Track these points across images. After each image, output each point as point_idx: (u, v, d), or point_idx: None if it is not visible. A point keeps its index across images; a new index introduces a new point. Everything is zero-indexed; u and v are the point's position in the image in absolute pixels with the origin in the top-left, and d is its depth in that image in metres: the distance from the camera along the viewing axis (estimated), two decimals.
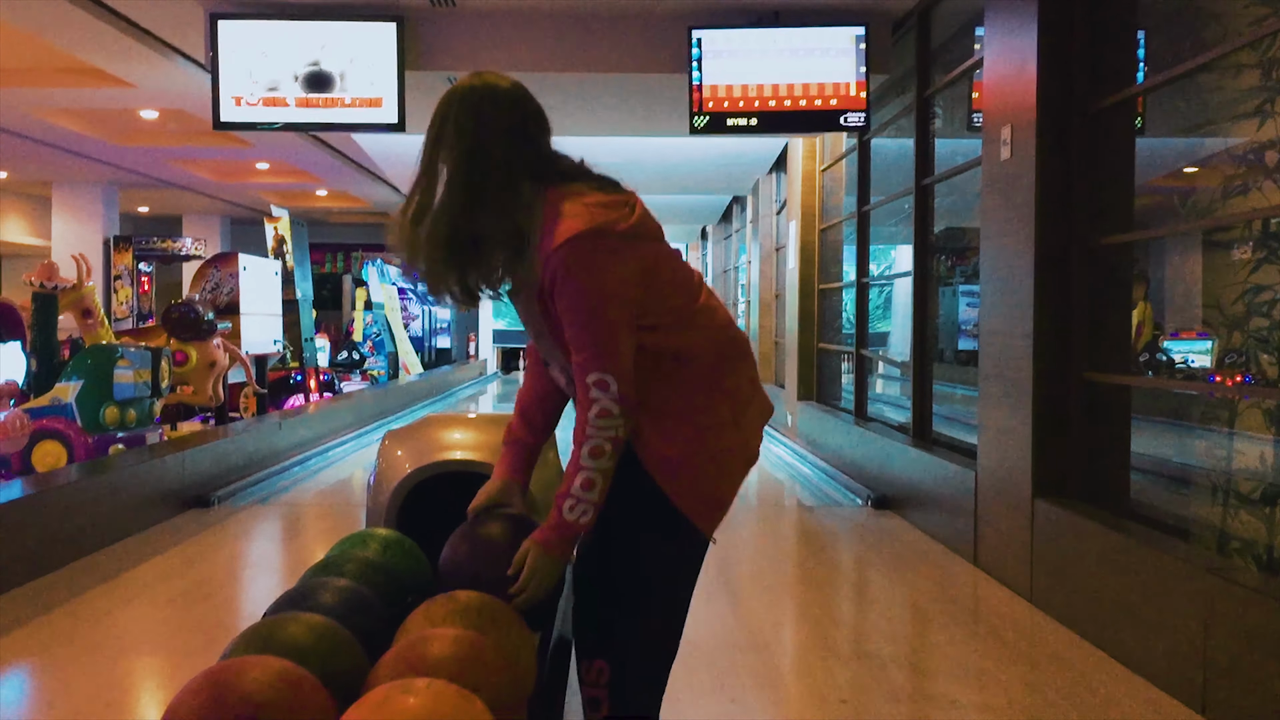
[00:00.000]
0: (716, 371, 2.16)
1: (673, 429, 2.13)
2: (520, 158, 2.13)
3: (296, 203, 18.99)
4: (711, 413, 2.14)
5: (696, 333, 2.16)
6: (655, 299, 2.10)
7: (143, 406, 8.52)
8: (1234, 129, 4.38)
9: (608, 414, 2.04)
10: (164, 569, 5.23)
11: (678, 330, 2.14)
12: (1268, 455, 4.02)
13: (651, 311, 2.09)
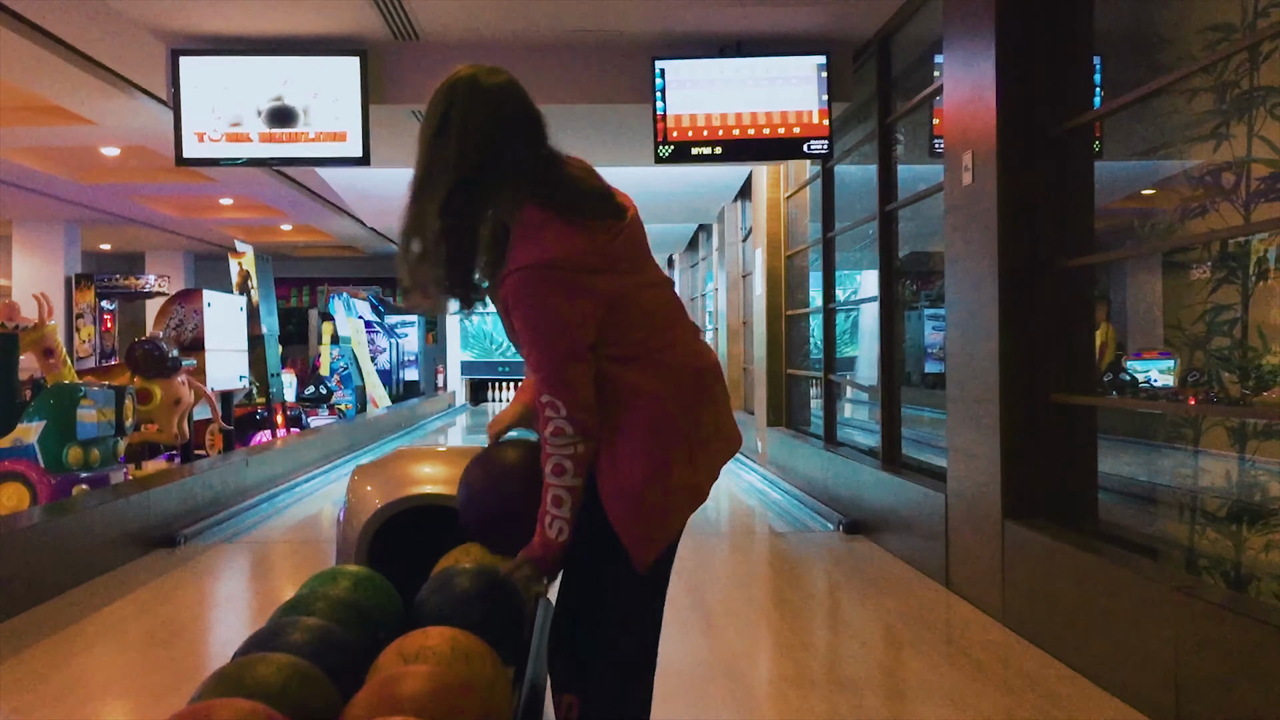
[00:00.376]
0: (672, 409, 2.14)
1: (624, 462, 2.13)
2: (516, 156, 2.13)
3: (261, 238, 18.90)
4: (662, 449, 2.13)
5: (654, 370, 2.14)
6: (615, 330, 2.10)
7: (106, 446, 8.42)
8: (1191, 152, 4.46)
9: (560, 433, 2.07)
10: (130, 610, 5.15)
11: (634, 365, 2.13)
12: (1232, 473, 4.06)
13: (610, 341, 2.10)
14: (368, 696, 1.79)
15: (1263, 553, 3.70)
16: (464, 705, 1.78)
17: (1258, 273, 3.93)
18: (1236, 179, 3.83)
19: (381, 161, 8.92)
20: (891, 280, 7.01)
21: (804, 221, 10.01)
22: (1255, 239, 3.95)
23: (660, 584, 2.22)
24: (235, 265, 14.39)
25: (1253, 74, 3.68)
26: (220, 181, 13.58)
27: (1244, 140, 3.77)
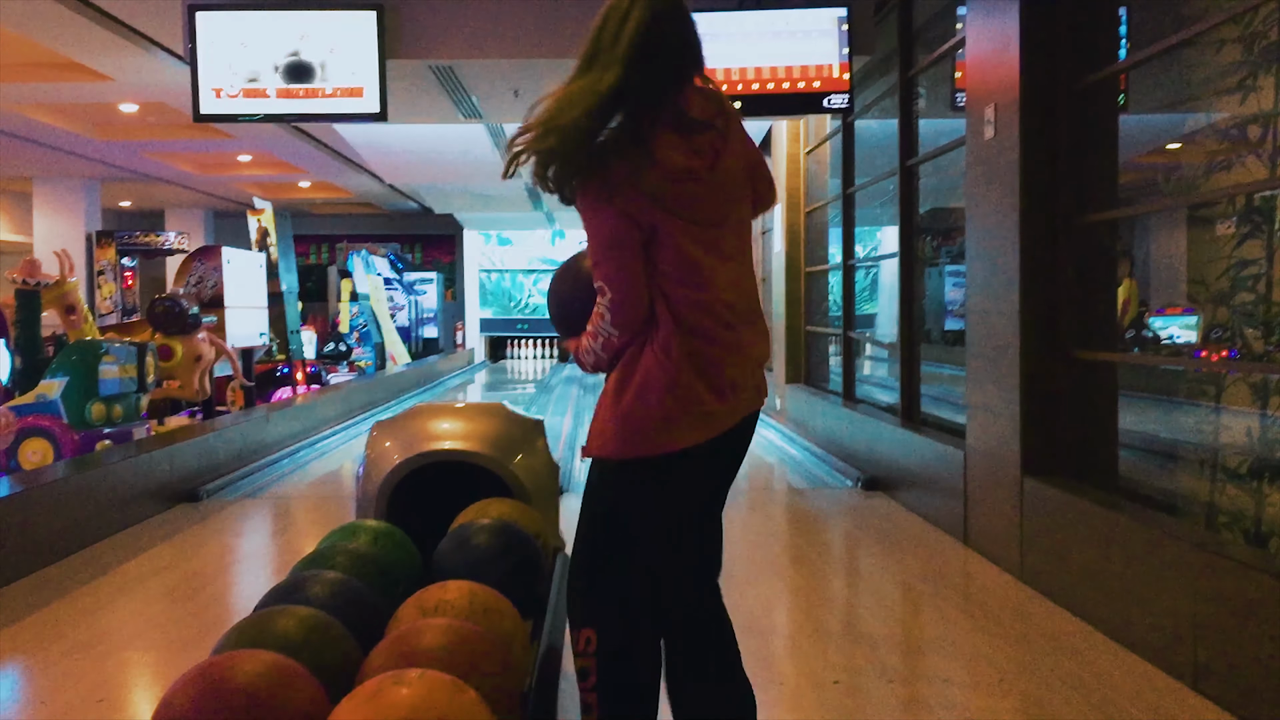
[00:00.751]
0: (668, 350, 2.14)
1: (617, 379, 2.18)
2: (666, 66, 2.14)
3: (280, 194, 18.91)
4: (665, 372, 2.14)
5: (662, 303, 2.15)
6: (651, 252, 2.13)
7: (129, 402, 8.49)
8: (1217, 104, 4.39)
9: (600, 318, 2.14)
10: (154, 564, 5.21)
11: (653, 291, 2.15)
12: (1254, 429, 4.04)
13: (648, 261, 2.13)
14: (387, 649, 1.81)
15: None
16: (482, 658, 1.80)
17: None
18: (1263, 132, 3.77)
19: (399, 117, 8.89)
20: (912, 236, 6.96)
21: (824, 177, 9.94)
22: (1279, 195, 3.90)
23: (665, 523, 2.22)
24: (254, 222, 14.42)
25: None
26: (238, 138, 13.57)
27: (1271, 93, 3.71)
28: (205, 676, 1.58)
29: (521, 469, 3.07)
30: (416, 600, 2.08)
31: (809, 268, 10.19)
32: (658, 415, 2.11)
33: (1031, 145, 4.62)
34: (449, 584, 2.09)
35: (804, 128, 10.23)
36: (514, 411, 3.34)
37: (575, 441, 9.62)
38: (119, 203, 20.31)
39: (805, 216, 10.22)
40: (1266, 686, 2.95)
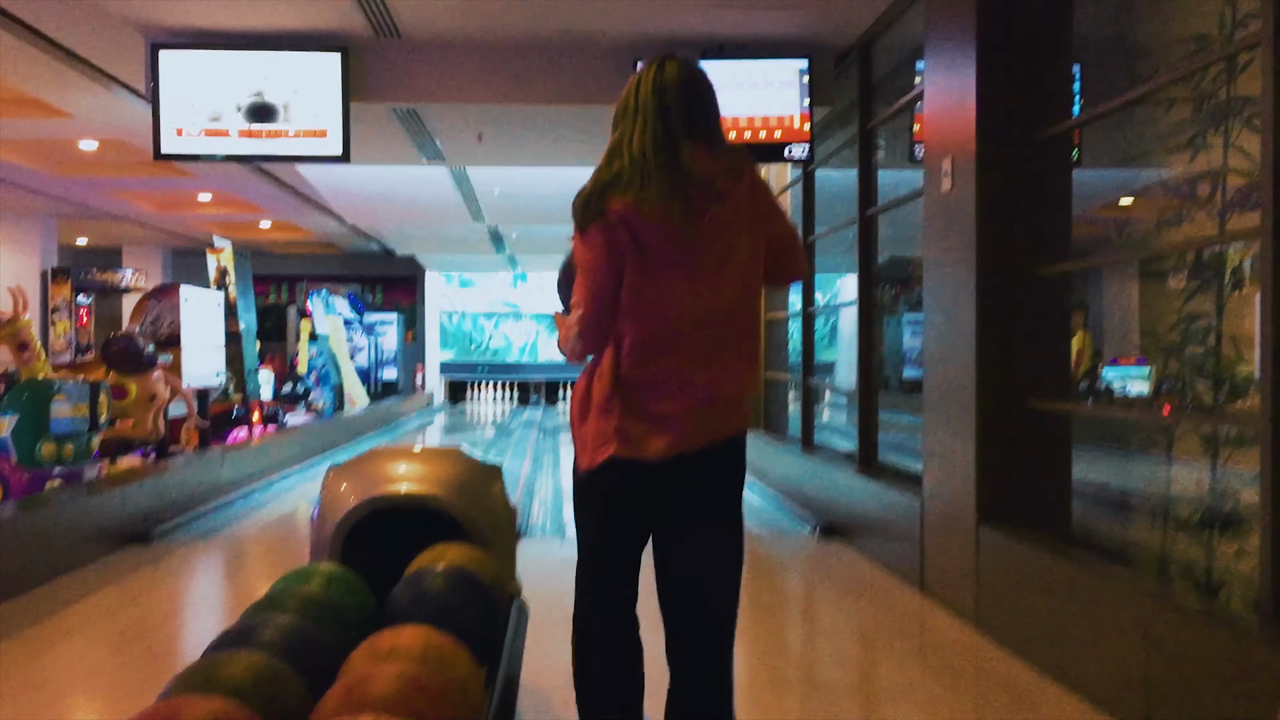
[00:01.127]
0: (627, 370, 2.37)
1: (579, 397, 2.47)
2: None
3: (240, 233, 18.79)
4: (601, 393, 2.39)
5: (617, 333, 2.37)
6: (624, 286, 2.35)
7: (80, 441, 8.35)
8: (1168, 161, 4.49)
9: (572, 327, 2.41)
10: (102, 607, 5.11)
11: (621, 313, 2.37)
12: (1204, 480, 4.09)
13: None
14: (338, 695, 1.78)
15: (1234, 560, 3.73)
16: (435, 704, 1.78)
17: (1233, 282, 3.96)
18: (1213, 189, 3.86)
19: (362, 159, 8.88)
20: (871, 285, 7.03)
21: None
22: (1231, 249, 3.98)
23: (594, 514, 2.51)
24: (213, 261, 14.30)
25: (1230, 85, 3.71)
26: (199, 177, 13.49)
27: (1220, 151, 3.80)
28: None
29: (478, 513, 3.05)
30: (369, 645, 2.05)
31: (769, 314, 10.25)
32: (593, 431, 2.39)
33: (987, 197, 4.70)
34: (403, 629, 2.07)
35: (765, 176, 10.32)
36: (471, 456, 3.32)
37: (534, 486, 9.57)
38: (76, 240, 20.10)
39: None
40: None
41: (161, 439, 10.70)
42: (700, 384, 2.36)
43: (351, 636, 2.33)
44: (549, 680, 3.93)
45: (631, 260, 2.31)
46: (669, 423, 2.35)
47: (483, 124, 8.16)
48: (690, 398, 2.36)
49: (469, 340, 25.92)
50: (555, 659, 4.22)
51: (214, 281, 14.20)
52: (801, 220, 8.62)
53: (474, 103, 7.36)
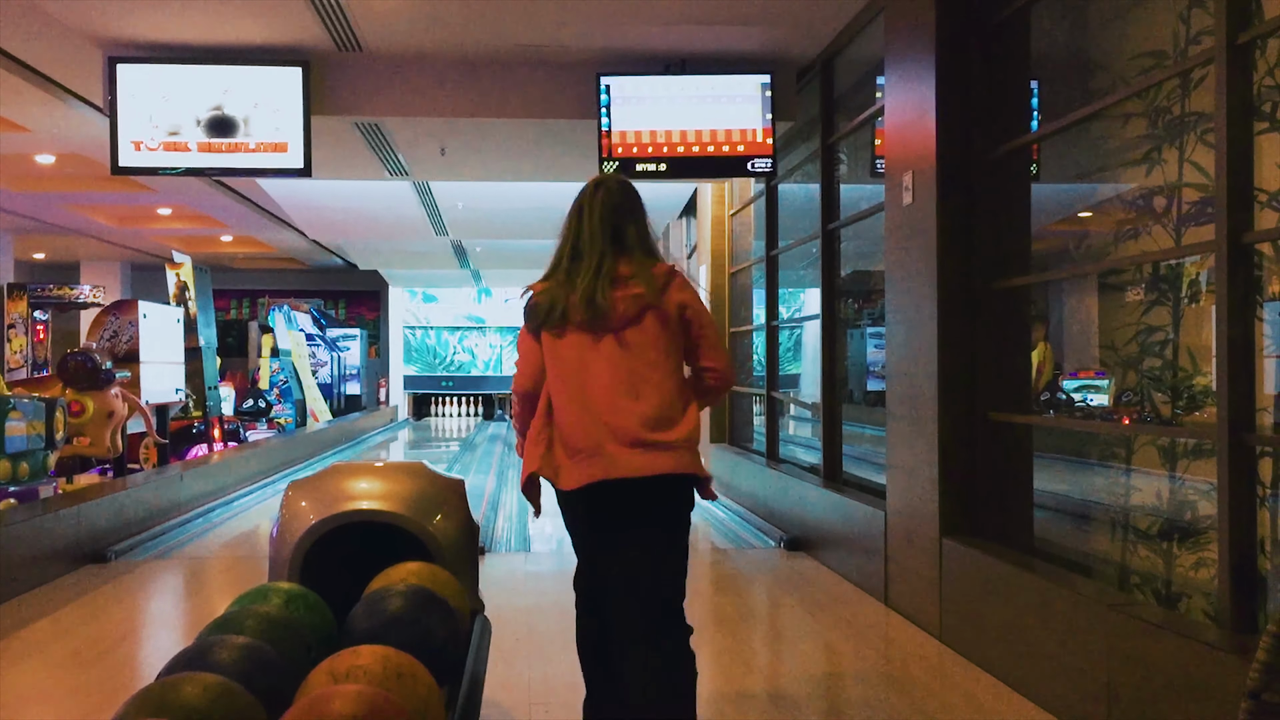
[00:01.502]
0: (543, 418, 2.98)
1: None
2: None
3: (200, 248, 18.63)
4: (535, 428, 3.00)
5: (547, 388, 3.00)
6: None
7: (36, 459, 8.22)
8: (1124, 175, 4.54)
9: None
10: (58, 627, 5.03)
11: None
12: (1163, 491, 4.13)
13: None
14: (296, 716, 1.76)
15: (1193, 570, 3.76)
16: None
17: (1189, 295, 4.01)
18: (1168, 203, 3.90)
19: (324, 173, 8.83)
20: (834, 298, 7.06)
21: (748, 239, 10.06)
22: (1187, 262, 4.03)
23: (575, 527, 3.04)
24: (173, 276, 14.16)
25: (1184, 100, 3.76)
26: (159, 191, 13.36)
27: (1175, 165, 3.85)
28: None
29: (440, 529, 3.02)
30: (328, 665, 2.02)
31: (733, 328, 10.28)
32: (550, 462, 2.91)
33: (948, 211, 4.73)
34: (362, 649, 2.04)
35: (729, 191, 10.37)
36: (433, 471, 3.30)
37: (498, 501, 9.53)
38: (33, 255, 19.84)
39: (730, 278, 10.33)
40: None
41: (119, 456, 10.56)
42: (607, 420, 2.86)
43: (311, 657, 2.30)
44: (512, 697, 3.91)
45: (545, 338, 2.96)
46: (590, 456, 2.85)
47: (446, 138, 8.13)
48: (601, 433, 2.85)
49: (433, 355, 25.81)
50: (519, 675, 4.20)
51: (173, 297, 14.05)
52: (766, 234, 8.65)
53: (437, 117, 7.34)
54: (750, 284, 10.03)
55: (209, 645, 2.09)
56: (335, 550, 3.08)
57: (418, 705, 1.95)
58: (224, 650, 2.05)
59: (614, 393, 2.89)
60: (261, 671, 2.02)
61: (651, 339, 2.95)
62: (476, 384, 25.56)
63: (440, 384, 25.60)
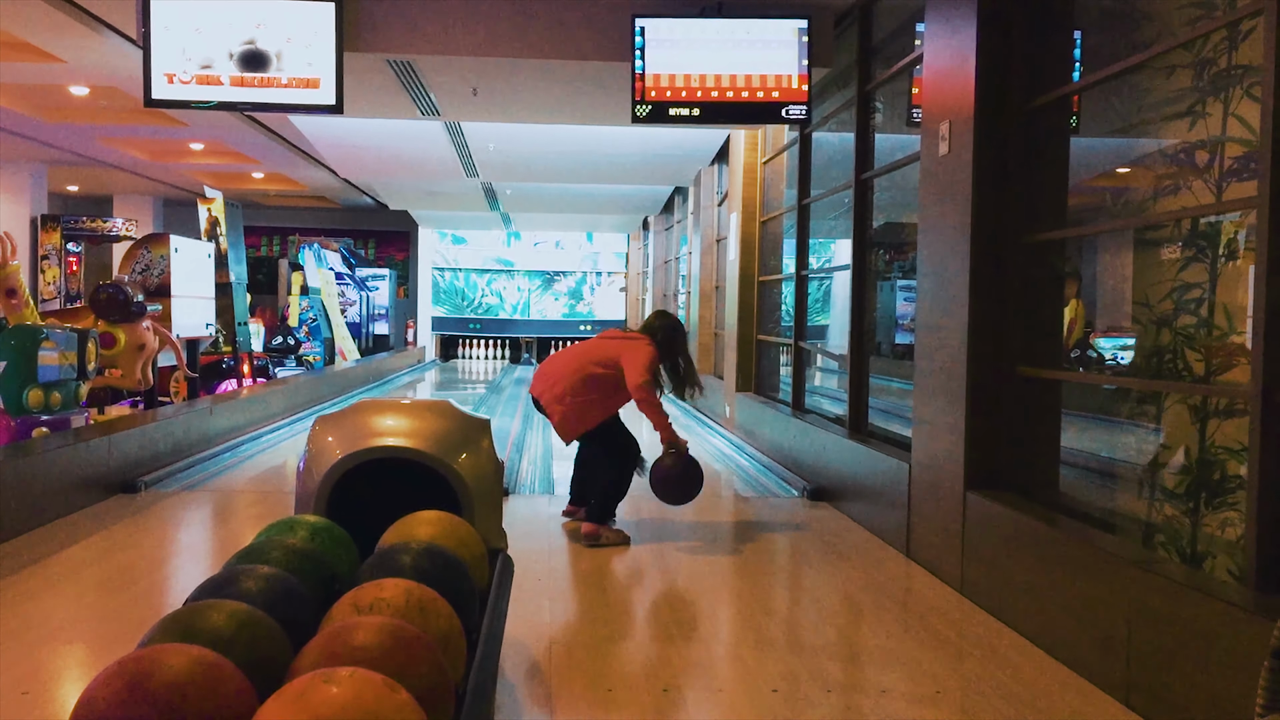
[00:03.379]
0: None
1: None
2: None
3: (232, 184, 18.67)
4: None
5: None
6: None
7: (68, 389, 8.33)
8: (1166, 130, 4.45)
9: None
10: (87, 555, 5.11)
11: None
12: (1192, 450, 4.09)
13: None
14: (318, 646, 1.77)
15: (1219, 529, 3.74)
16: (417, 657, 1.77)
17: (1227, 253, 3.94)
18: (1210, 158, 3.83)
19: (355, 111, 8.80)
20: (865, 249, 7.00)
21: (780, 187, 9.98)
22: (1225, 219, 3.96)
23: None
24: (204, 211, 14.22)
25: (1231, 52, 3.67)
26: (191, 125, 13.37)
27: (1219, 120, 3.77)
28: (127, 672, 1.54)
29: (465, 468, 3.04)
30: (352, 597, 2.04)
31: (762, 276, 10.23)
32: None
33: (984, 162, 4.67)
34: (385, 582, 2.06)
35: (762, 138, 10.26)
36: (460, 410, 3.31)
37: (523, 443, 9.58)
38: (66, 187, 19.95)
39: (760, 226, 10.26)
40: (1196, 704, 2.99)
41: (150, 389, 10.67)
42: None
43: (335, 589, 2.32)
44: (532, 635, 3.95)
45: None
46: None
47: (479, 78, 8.08)
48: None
49: (461, 297, 25.86)
50: (540, 614, 4.24)
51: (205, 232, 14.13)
52: (798, 182, 8.58)
53: (470, 55, 7.28)
54: (781, 233, 9.96)
55: (235, 574, 2.11)
56: (361, 485, 3.10)
57: (439, 637, 1.97)
58: (249, 579, 2.08)
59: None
60: (286, 601, 2.05)
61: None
62: (504, 327, 25.61)
63: (468, 326, 25.68)
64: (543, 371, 5.80)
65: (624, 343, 5.69)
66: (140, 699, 1.51)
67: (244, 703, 1.59)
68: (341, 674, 1.55)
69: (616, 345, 5.68)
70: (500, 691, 3.29)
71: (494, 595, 2.62)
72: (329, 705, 1.47)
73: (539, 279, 25.92)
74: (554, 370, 5.70)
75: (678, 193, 17.27)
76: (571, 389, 5.57)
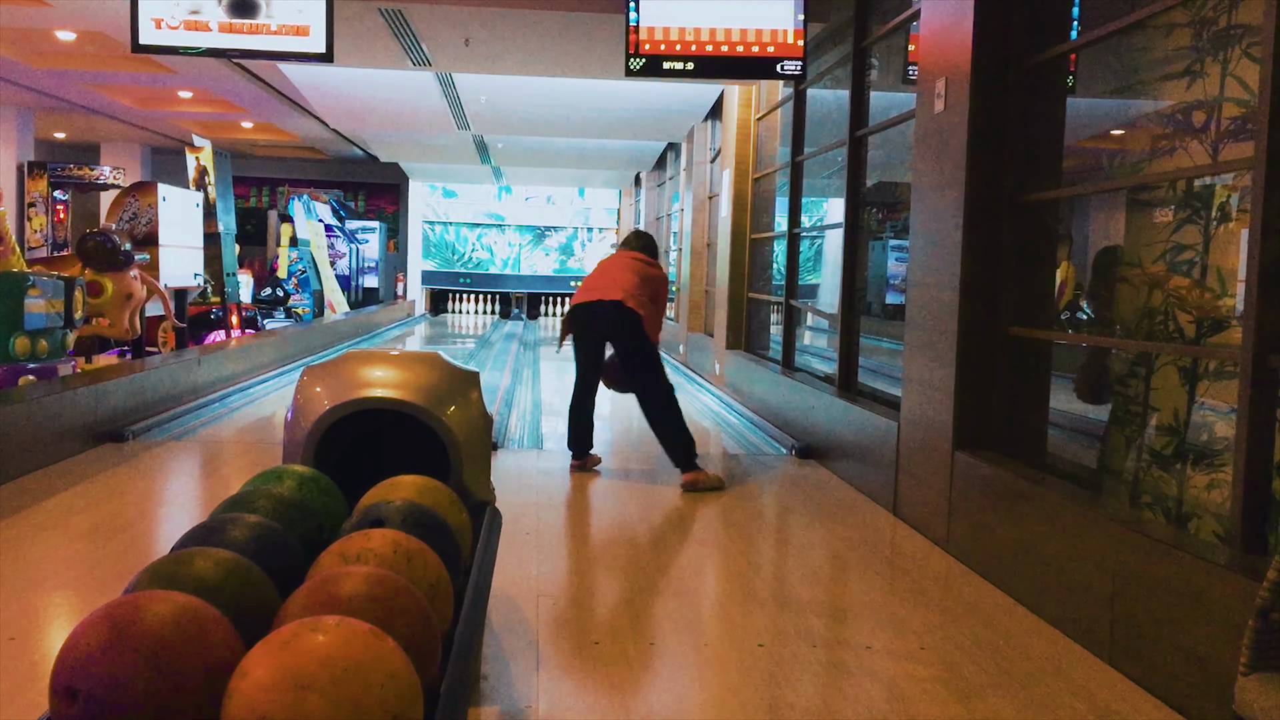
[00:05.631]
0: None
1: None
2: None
3: (221, 134, 18.50)
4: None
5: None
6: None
7: (55, 337, 8.28)
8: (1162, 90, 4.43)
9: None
10: (75, 503, 5.10)
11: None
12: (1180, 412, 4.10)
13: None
14: (305, 595, 1.77)
15: (1205, 491, 3.75)
16: (403, 607, 1.76)
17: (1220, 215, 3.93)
18: (1207, 118, 3.80)
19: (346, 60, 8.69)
20: (858, 208, 6.97)
21: (773, 145, 9.92)
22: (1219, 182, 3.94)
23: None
24: (192, 160, 14.09)
25: (1230, 11, 3.64)
26: (179, 73, 13.22)
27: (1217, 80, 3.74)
28: (113, 617, 1.53)
29: (454, 420, 3.02)
30: (339, 547, 2.03)
31: (754, 234, 10.19)
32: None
33: (980, 121, 4.64)
34: (373, 532, 2.05)
35: (756, 94, 10.19)
36: (449, 361, 3.29)
37: (513, 397, 9.58)
38: (54, 134, 19.75)
39: (753, 183, 10.21)
40: (1181, 663, 3.02)
41: (138, 338, 10.63)
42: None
43: (322, 538, 2.31)
44: (520, 588, 3.96)
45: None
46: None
47: (470, 28, 7.99)
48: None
49: (451, 251, 25.75)
50: (528, 568, 4.25)
51: (193, 181, 14.01)
52: (792, 139, 8.52)
53: (461, 4, 7.19)
54: (774, 190, 9.91)
55: (222, 522, 2.10)
56: (349, 436, 3.09)
57: (427, 587, 1.96)
58: (236, 528, 2.07)
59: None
60: (273, 550, 2.04)
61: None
62: (494, 281, 25.54)
63: (458, 280, 25.60)
64: (592, 284, 6.11)
65: (653, 268, 6.23)
66: (125, 645, 1.50)
67: (230, 650, 1.59)
68: (328, 622, 1.54)
69: (645, 266, 6.17)
70: (487, 643, 3.30)
71: (481, 548, 2.62)
72: (315, 653, 1.46)
73: (530, 234, 25.81)
74: (607, 278, 6.07)
75: (670, 148, 17.16)
76: (635, 287, 5.96)
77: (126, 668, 1.50)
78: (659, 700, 3.09)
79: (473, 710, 2.86)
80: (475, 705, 2.89)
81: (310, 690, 1.43)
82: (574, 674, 3.25)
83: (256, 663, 1.48)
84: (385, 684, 1.48)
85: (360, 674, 1.46)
